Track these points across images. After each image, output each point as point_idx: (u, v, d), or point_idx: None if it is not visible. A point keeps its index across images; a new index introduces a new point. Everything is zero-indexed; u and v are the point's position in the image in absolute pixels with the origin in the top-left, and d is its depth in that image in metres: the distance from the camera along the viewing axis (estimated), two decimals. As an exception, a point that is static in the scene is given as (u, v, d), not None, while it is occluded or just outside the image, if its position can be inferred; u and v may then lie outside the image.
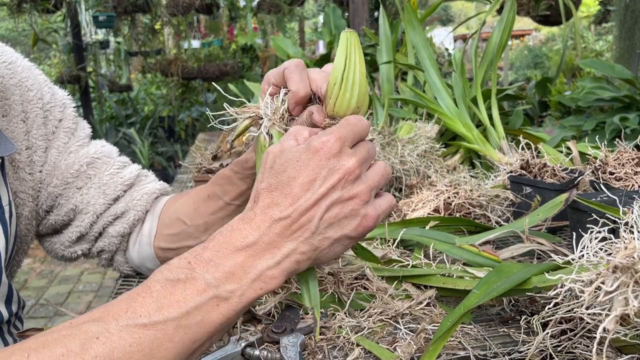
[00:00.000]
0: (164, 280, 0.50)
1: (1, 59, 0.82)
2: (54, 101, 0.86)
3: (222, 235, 0.53)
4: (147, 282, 0.51)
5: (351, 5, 3.40)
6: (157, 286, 0.50)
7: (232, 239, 0.53)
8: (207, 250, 0.52)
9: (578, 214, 0.88)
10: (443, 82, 1.50)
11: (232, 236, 0.53)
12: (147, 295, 0.49)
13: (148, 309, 0.48)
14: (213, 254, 0.52)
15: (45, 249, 0.92)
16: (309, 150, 0.55)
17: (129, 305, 0.49)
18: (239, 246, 0.52)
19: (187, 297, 0.50)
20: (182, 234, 0.86)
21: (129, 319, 0.48)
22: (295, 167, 0.55)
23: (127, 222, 0.88)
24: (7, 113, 0.80)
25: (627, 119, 1.72)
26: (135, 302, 0.49)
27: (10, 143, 0.75)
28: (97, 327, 0.47)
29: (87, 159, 0.87)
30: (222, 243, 0.52)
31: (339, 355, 0.67)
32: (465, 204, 1.06)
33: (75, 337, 0.46)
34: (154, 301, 0.49)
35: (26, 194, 0.83)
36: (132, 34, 5.54)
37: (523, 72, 9.21)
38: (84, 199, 0.86)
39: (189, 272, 0.51)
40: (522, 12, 3.81)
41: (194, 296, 0.50)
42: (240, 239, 0.52)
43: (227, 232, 0.54)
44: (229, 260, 0.52)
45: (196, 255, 0.52)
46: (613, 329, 0.49)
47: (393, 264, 0.88)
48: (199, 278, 0.50)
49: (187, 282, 0.50)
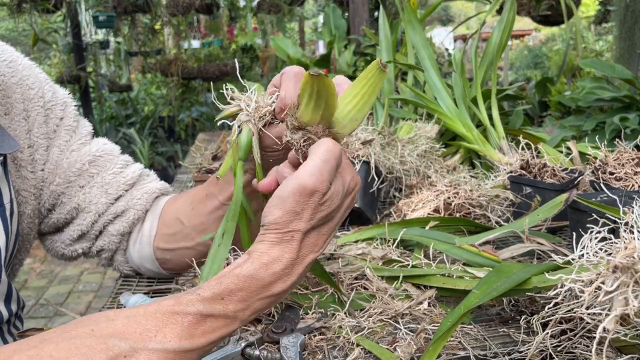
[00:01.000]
0: (195, 313, 0.52)
1: (2, 58, 0.82)
2: (55, 100, 0.86)
3: (261, 279, 0.56)
4: (178, 308, 0.52)
5: (351, 5, 3.40)
6: (189, 317, 0.51)
7: (270, 287, 0.57)
8: (243, 292, 0.55)
9: (578, 214, 0.88)
10: (443, 82, 1.50)
11: (270, 283, 0.57)
12: (177, 324, 0.51)
13: (179, 336, 0.50)
14: (249, 296, 0.55)
15: (46, 248, 0.92)
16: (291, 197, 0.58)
17: (158, 329, 0.50)
18: (273, 294, 0.57)
19: (216, 329, 0.53)
20: (179, 234, 0.86)
21: (158, 343, 0.49)
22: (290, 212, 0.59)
23: (127, 221, 0.88)
24: (9, 111, 0.80)
25: (627, 119, 1.73)
26: (165, 327, 0.50)
27: (13, 141, 0.75)
28: (124, 346, 0.47)
29: (90, 157, 0.87)
30: (261, 289, 0.56)
31: (339, 355, 0.67)
32: (465, 204, 1.06)
33: (100, 353, 0.46)
34: (185, 330, 0.51)
35: (28, 192, 0.83)
36: (132, 34, 5.54)
37: (523, 72, 9.21)
38: (87, 198, 0.86)
39: (222, 309, 0.53)
40: (522, 12, 3.81)
41: (222, 328, 0.54)
42: (277, 287, 0.57)
43: (266, 275, 0.56)
44: (261, 303, 0.57)
45: (231, 293, 0.54)
46: (613, 329, 0.49)
47: (393, 264, 0.88)
48: (230, 315, 0.54)
49: (219, 318, 0.53)
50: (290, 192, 0.57)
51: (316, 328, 0.71)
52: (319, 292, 0.81)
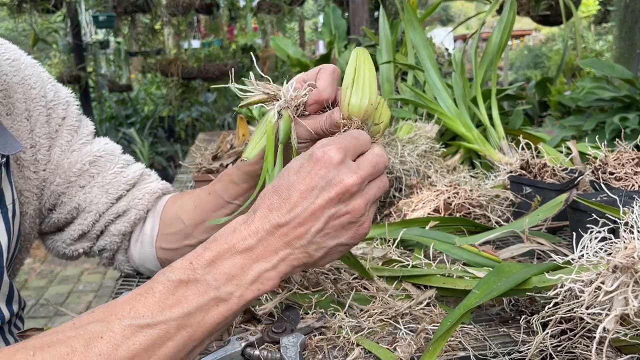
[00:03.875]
0: (166, 281, 0.51)
1: (4, 57, 0.82)
2: (57, 99, 0.86)
3: (223, 236, 0.55)
4: (149, 283, 0.52)
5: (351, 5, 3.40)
6: (160, 287, 0.51)
7: (233, 241, 0.54)
8: (208, 251, 0.53)
9: (578, 214, 0.88)
10: (443, 82, 1.50)
11: (232, 238, 0.54)
12: (149, 296, 0.50)
13: (151, 309, 0.50)
14: (214, 255, 0.53)
15: (47, 247, 0.92)
16: (311, 160, 0.56)
17: (132, 305, 0.50)
18: (239, 249, 0.53)
19: (188, 297, 0.51)
20: (180, 233, 0.86)
21: (132, 318, 0.49)
22: (297, 175, 0.56)
23: (129, 221, 0.88)
24: (11, 111, 0.80)
25: (627, 119, 1.73)
26: (137, 302, 0.50)
27: (16, 141, 0.75)
28: (100, 327, 0.48)
29: (90, 157, 0.87)
30: (223, 245, 0.54)
31: (339, 355, 0.67)
32: (465, 204, 1.06)
33: (79, 337, 0.47)
34: (157, 301, 0.50)
35: (31, 192, 0.83)
36: (132, 34, 5.54)
37: (523, 72, 9.21)
38: (87, 198, 0.86)
39: (190, 273, 0.52)
40: (522, 12, 3.81)
41: (195, 296, 0.51)
42: (240, 242, 0.54)
43: (229, 233, 0.55)
44: (229, 262, 0.53)
45: (197, 256, 0.53)
46: (613, 329, 0.49)
47: (393, 264, 0.88)
48: (200, 279, 0.52)
49: (188, 283, 0.51)
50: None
51: (316, 328, 0.71)
52: (319, 292, 0.81)
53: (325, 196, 0.55)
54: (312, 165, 0.56)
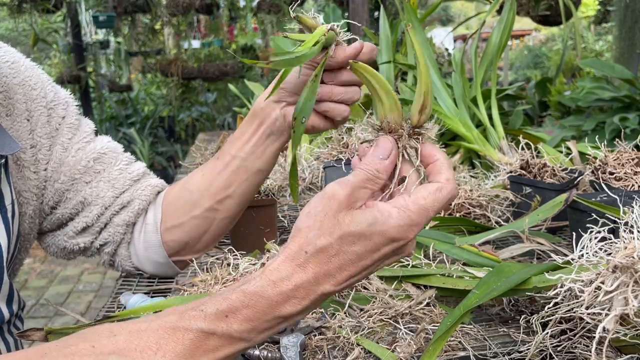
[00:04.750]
0: (198, 331, 0.49)
1: (4, 59, 0.83)
2: (57, 99, 0.87)
3: (268, 297, 0.50)
4: (180, 324, 0.49)
5: (351, 5, 3.40)
6: (191, 335, 0.49)
7: (278, 307, 0.50)
8: (248, 310, 0.50)
9: (578, 214, 0.88)
10: (443, 82, 1.50)
11: (277, 303, 0.50)
12: (178, 342, 0.49)
13: (179, 355, 0.48)
14: (255, 315, 0.50)
15: (46, 244, 0.92)
16: (385, 237, 0.50)
17: (159, 346, 0.48)
18: (281, 315, 0.51)
19: (219, 347, 0.49)
20: (187, 203, 0.86)
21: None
22: (363, 247, 0.51)
23: (132, 211, 0.89)
24: (10, 112, 0.81)
25: (627, 119, 1.73)
26: (166, 345, 0.48)
27: (14, 142, 0.75)
28: None
29: (95, 154, 0.88)
30: (263, 304, 0.50)
31: (339, 355, 0.67)
32: (465, 204, 1.06)
33: None
34: (186, 349, 0.48)
35: (30, 192, 0.84)
36: (132, 34, 5.54)
37: (523, 72, 9.21)
38: (93, 192, 0.87)
39: (225, 327, 0.49)
40: (522, 12, 3.81)
41: (226, 347, 0.50)
42: (285, 310, 0.50)
43: (274, 294, 0.50)
44: (267, 324, 0.51)
45: (235, 311, 0.50)
46: (613, 329, 0.49)
47: (393, 264, 0.88)
48: (235, 335, 0.50)
49: (223, 337, 0.49)
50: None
51: (316, 328, 0.71)
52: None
53: (385, 262, 0.52)
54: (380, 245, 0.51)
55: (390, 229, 0.50)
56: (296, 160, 0.67)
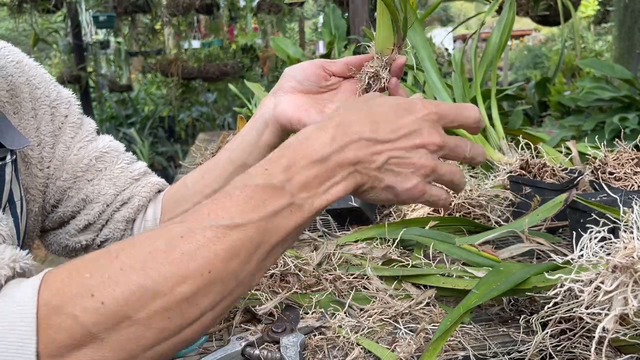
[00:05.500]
0: (243, 186, 0.52)
1: (9, 58, 0.84)
2: (60, 98, 0.89)
3: (296, 144, 0.55)
4: (227, 189, 0.52)
5: (351, 5, 3.40)
6: (237, 192, 0.51)
7: (307, 150, 0.54)
8: (283, 158, 0.54)
9: (578, 214, 0.88)
10: (443, 82, 1.50)
11: (306, 147, 0.54)
12: (227, 200, 0.51)
13: (230, 212, 0.50)
14: (289, 162, 0.53)
15: (48, 243, 0.93)
16: (411, 105, 0.58)
17: (210, 209, 0.50)
18: (315, 158, 0.54)
19: (266, 201, 0.51)
20: (181, 199, 0.88)
21: (212, 220, 0.49)
22: (392, 108, 0.57)
23: (132, 207, 0.90)
24: (18, 110, 0.82)
25: (627, 119, 1.73)
26: (216, 206, 0.50)
27: (23, 138, 0.77)
28: (180, 228, 0.49)
29: (96, 152, 0.89)
30: (298, 153, 0.54)
31: (339, 355, 0.67)
32: (464, 204, 1.06)
33: (160, 237, 0.48)
34: (234, 204, 0.50)
35: (37, 190, 0.85)
36: (132, 34, 5.54)
37: (523, 72, 9.21)
38: (95, 190, 0.88)
39: (267, 178, 0.52)
40: (522, 12, 3.81)
41: (272, 201, 0.52)
42: (317, 149, 0.54)
43: (302, 140, 0.55)
44: (305, 171, 0.53)
45: (272, 163, 0.53)
46: (612, 329, 0.49)
47: (393, 263, 0.88)
48: (277, 185, 0.52)
49: (265, 188, 0.52)
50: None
51: (316, 328, 0.72)
52: (319, 292, 0.81)
53: (409, 140, 0.57)
54: (410, 110, 0.57)
55: (416, 100, 0.59)
56: None
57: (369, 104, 0.58)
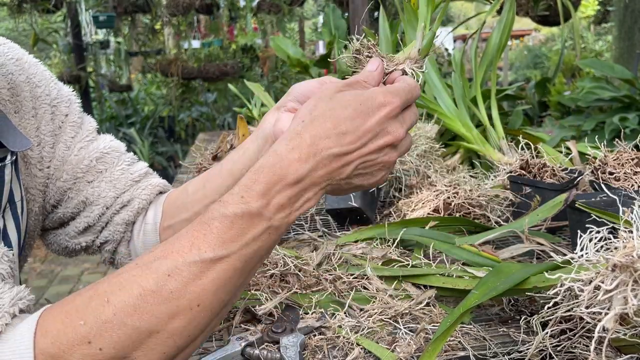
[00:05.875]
0: (221, 216, 0.53)
1: (8, 56, 0.83)
2: (60, 97, 0.87)
3: (270, 166, 0.55)
4: (203, 219, 0.53)
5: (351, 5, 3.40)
6: (216, 222, 0.53)
7: (282, 172, 0.55)
8: (257, 184, 0.54)
9: (578, 214, 0.88)
10: (443, 82, 1.50)
11: (281, 168, 0.55)
12: (207, 232, 0.52)
13: (212, 244, 0.52)
14: (265, 188, 0.54)
15: (48, 242, 0.93)
16: (374, 102, 0.59)
17: (192, 243, 0.52)
18: (290, 181, 0.55)
19: (244, 229, 0.53)
20: (181, 206, 0.87)
21: (195, 255, 0.51)
22: (357, 111, 0.58)
23: (132, 210, 0.89)
24: (18, 109, 0.81)
25: (627, 119, 1.73)
26: (197, 239, 0.52)
27: (25, 139, 0.76)
28: (165, 265, 0.51)
29: (97, 153, 0.88)
30: (272, 176, 0.55)
31: (338, 355, 0.67)
32: (465, 204, 1.06)
33: (147, 277, 0.50)
34: (215, 237, 0.52)
35: (37, 189, 0.84)
36: (132, 34, 5.54)
37: (523, 72, 9.21)
38: (95, 192, 0.88)
39: (244, 207, 0.53)
40: (521, 12, 3.81)
41: (251, 228, 0.53)
42: (291, 173, 0.55)
43: (276, 161, 0.55)
44: (281, 195, 0.55)
45: (247, 189, 0.54)
46: (612, 328, 0.49)
47: (393, 263, 0.88)
48: (254, 211, 0.53)
49: (243, 216, 0.53)
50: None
51: (316, 328, 0.72)
52: (319, 292, 0.81)
53: (376, 143, 0.59)
54: (375, 109, 0.58)
55: (377, 94, 0.59)
56: None
57: (334, 107, 0.58)
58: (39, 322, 0.49)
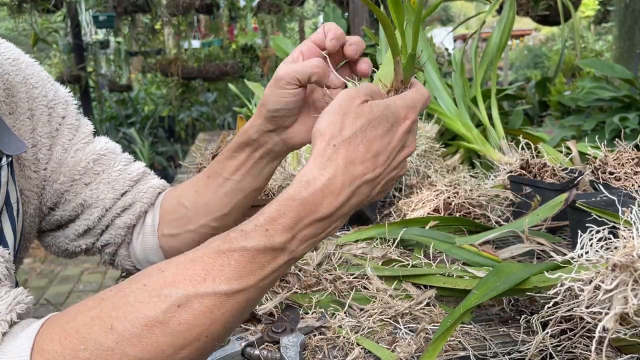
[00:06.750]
0: (241, 250, 0.50)
1: (5, 56, 0.82)
2: (57, 98, 0.87)
3: (302, 200, 0.52)
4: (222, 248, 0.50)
5: (351, 5, 3.40)
6: (236, 255, 0.50)
7: (315, 206, 0.52)
8: (286, 218, 0.51)
9: (578, 214, 0.88)
10: (443, 82, 1.50)
11: (314, 203, 0.52)
12: (225, 264, 0.49)
13: (228, 278, 0.49)
14: (292, 222, 0.51)
15: (46, 244, 0.92)
16: (399, 117, 0.58)
17: (207, 272, 0.49)
18: (321, 216, 0.52)
19: (264, 264, 0.50)
20: (183, 218, 0.86)
21: (209, 287, 0.48)
22: (385, 129, 0.56)
23: (134, 214, 0.89)
24: (13, 110, 0.80)
25: (627, 119, 1.73)
26: (213, 270, 0.49)
27: (20, 141, 0.75)
28: (176, 294, 0.48)
29: (94, 155, 0.88)
30: (301, 210, 0.51)
31: (339, 355, 0.67)
32: (465, 204, 1.06)
33: (155, 305, 0.47)
34: (233, 270, 0.49)
35: (31, 191, 0.84)
36: (132, 34, 5.54)
37: (523, 72, 9.21)
38: (93, 194, 0.87)
39: (267, 241, 0.50)
40: (522, 12, 3.81)
41: (272, 262, 0.51)
42: (324, 207, 0.52)
43: (308, 194, 0.52)
44: (308, 229, 0.52)
45: (273, 222, 0.51)
46: (612, 328, 0.49)
47: (393, 263, 0.88)
48: (277, 246, 0.51)
49: (265, 251, 0.50)
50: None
51: (316, 328, 0.71)
52: (319, 292, 0.81)
53: (397, 159, 0.58)
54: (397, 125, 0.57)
55: (400, 108, 0.58)
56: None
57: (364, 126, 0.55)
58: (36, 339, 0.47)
